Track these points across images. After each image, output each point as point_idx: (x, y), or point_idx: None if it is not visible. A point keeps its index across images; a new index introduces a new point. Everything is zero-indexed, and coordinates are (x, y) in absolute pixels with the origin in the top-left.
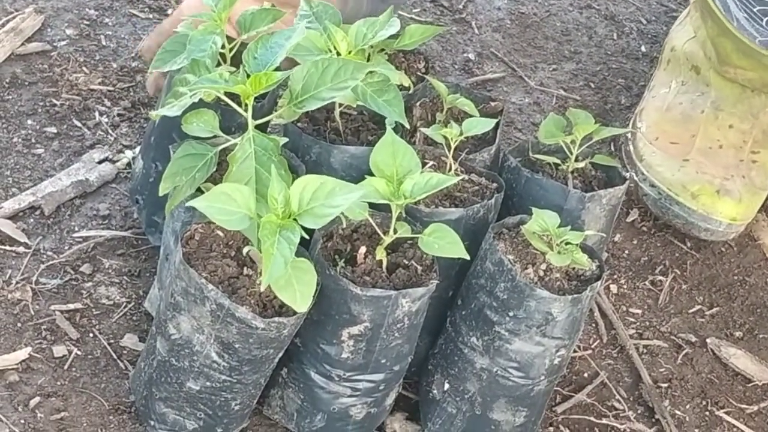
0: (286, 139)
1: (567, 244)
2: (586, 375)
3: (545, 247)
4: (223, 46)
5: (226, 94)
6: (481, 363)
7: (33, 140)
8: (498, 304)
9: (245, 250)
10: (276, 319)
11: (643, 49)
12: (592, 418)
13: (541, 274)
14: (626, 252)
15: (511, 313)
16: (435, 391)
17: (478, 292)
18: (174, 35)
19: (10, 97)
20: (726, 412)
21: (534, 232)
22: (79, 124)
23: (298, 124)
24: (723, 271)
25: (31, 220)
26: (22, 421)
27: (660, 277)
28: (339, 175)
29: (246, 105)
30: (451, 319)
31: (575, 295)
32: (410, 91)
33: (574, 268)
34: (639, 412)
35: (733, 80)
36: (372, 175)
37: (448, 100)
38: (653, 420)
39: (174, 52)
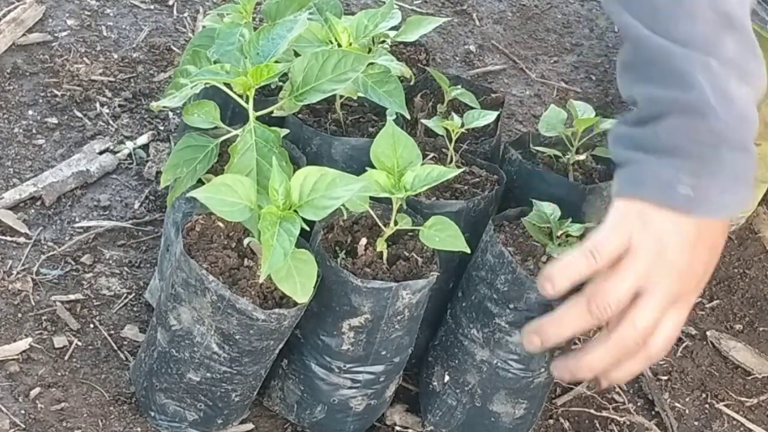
0: (287, 131)
1: (567, 236)
2: None
3: (546, 239)
4: None
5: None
6: (481, 355)
7: (34, 131)
8: (498, 296)
9: (246, 241)
10: (276, 310)
11: None
12: (591, 411)
13: (541, 266)
14: None
15: (511, 305)
16: (435, 383)
17: (479, 284)
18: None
19: (11, 87)
20: (726, 405)
21: (534, 224)
22: (80, 115)
23: (299, 116)
24: (723, 264)
25: (32, 210)
26: (23, 412)
27: None
28: (340, 166)
29: (247, 96)
30: (451, 311)
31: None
32: (411, 83)
33: None
34: (639, 404)
35: None
36: (373, 166)
37: (449, 92)
38: (653, 412)
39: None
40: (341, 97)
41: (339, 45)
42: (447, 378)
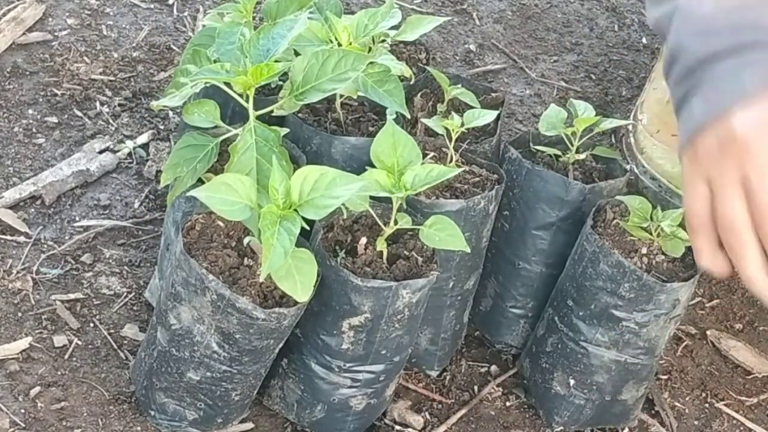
0: (287, 130)
1: (668, 226)
2: None
3: (647, 234)
4: None
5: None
6: (609, 355)
7: (34, 130)
8: (624, 303)
9: (246, 240)
10: (276, 309)
11: (644, 40)
12: None
13: (647, 261)
14: None
15: (639, 308)
16: (558, 388)
17: (597, 293)
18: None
19: (11, 86)
20: (725, 404)
21: (634, 225)
22: (80, 114)
23: (299, 115)
24: None
25: (32, 209)
26: (23, 411)
27: None
28: (340, 165)
29: (247, 96)
30: (561, 320)
31: (695, 276)
32: (411, 82)
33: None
34: None
35: None
36: (373, 165)
37: (449, 91)
38: (653, 412)
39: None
40: (341, 96)
41: (339, 44)
42: (572, 382)
